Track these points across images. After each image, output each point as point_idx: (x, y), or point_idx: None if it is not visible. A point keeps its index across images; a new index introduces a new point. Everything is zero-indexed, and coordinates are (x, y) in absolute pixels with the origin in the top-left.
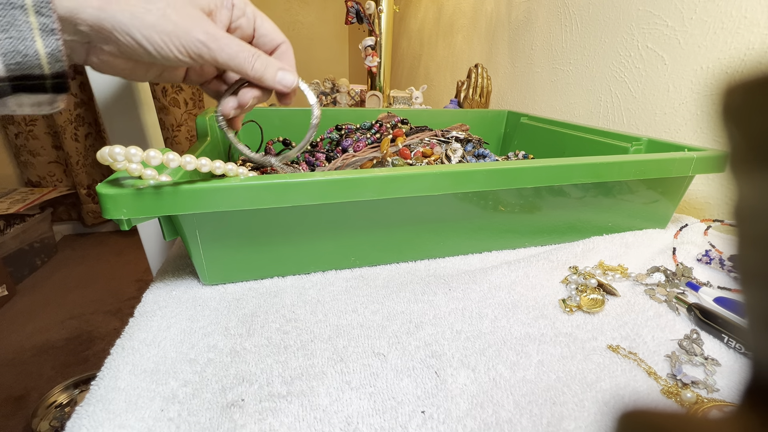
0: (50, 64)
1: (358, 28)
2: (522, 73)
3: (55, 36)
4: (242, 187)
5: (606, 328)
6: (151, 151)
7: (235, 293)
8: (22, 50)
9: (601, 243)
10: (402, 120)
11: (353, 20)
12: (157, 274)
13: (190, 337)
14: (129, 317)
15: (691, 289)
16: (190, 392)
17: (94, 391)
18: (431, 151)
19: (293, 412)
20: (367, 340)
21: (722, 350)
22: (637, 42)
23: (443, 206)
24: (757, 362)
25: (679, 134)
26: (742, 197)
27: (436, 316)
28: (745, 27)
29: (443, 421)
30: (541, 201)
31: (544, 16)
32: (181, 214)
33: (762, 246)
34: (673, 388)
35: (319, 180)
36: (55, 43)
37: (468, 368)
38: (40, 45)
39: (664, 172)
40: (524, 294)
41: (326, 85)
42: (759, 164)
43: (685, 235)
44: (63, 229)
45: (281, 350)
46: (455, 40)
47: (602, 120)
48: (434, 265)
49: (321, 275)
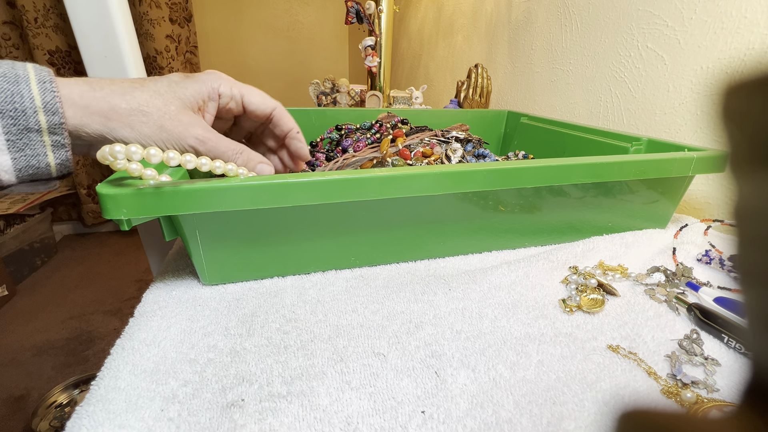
0: (59, 170)
1: (358, 28)
2: (522, 73)
3: (65, 149)
4: (242, 187)
5: (606, 328)
6: (151, 149)
7: (235, 293)
8: (35, 164)
9: (601, 243)
10: (402, 120)
11: (353, 20)
12: (157, 274)
13: (190, 337)
14: (129, 317)
15: (691, 289)
16: (190, 392)
17: (94, 391)
18: (431, 151)
19: (293, 412)
20: (367, 340)
21: (722, 350)
22: (637, 42)
23: (443, 206)
24: (757, 362)
25: (679, 134)
26: (742, 197)
27: (436, 316)
28: (745, 27)
29: (443, 421)
30: (541, 201)
31: (544, 16)
32: (181, 215)
33: (762, 246)
34: (673, 388)
35: (319, 180)
36: (65, 155)
37: (468, 368)
38: (51, 158)
39: (664, 172)
40: (524, 294)
41: (326, 85)
42: (759, 164)
43: (685, 235)
44: (63, 229)
45: (281, 350)
46: (455, 40)
47: (602, 120)
48: (434, 265)
49: (321, 275)
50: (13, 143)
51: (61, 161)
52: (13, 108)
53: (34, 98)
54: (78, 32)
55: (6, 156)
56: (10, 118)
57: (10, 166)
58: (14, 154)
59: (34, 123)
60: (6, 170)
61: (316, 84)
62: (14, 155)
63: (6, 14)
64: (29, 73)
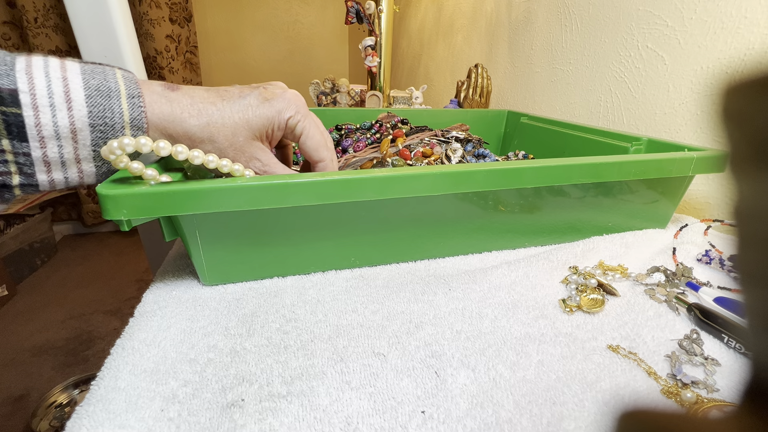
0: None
1: (358, 28)
2: (522, 73)
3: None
4: (242, 187)
5: (606, 328)
6: (160, 141)
7: (235, 293)
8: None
9: (601, 243)
10: (402, 120)
11: (353, 20)
12: (157, 274)
13: (190, 337)
14: (129, 317)
15: (691, 289)
16: (190, 392)
17: (94, 391)
18: (431, 151)
19: (293, 412)
20: (367, 340)
21: (722, 350)
22: (637, 42)
23: (443, 206)
24: (757, 362)
25: (679, 134)
26: (742, 197)
27: (436, 316)
28: (745, 27)
29: (443, 421)
30: (541, 201)
31: (544, 16)
32: (181, 215)
33: (762, 246)
34: (673, 388)
35: (319, 180)
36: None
37: (468, 368)
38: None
39: (664, 172)
40: (524, 294)
41: (326, 85)
42: (759, 164)
43: (685, 235)
44: (63, 229)
45: (281, 350)
46: (455, 40)
47: (602, 120)
48: (434, 265)
49: (321, 275)
50: (98, 154)
51: None
52: (104, 123)
53: (123, 114)
54: (78, 32)
55: (91, 165)
56: (100, 132)
57: (93, 173)
58: (98, 163)
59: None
60: (89, 175)
61: (316, 84)
62: (98, 164)
63: (6, 14)
64: (120, 86)
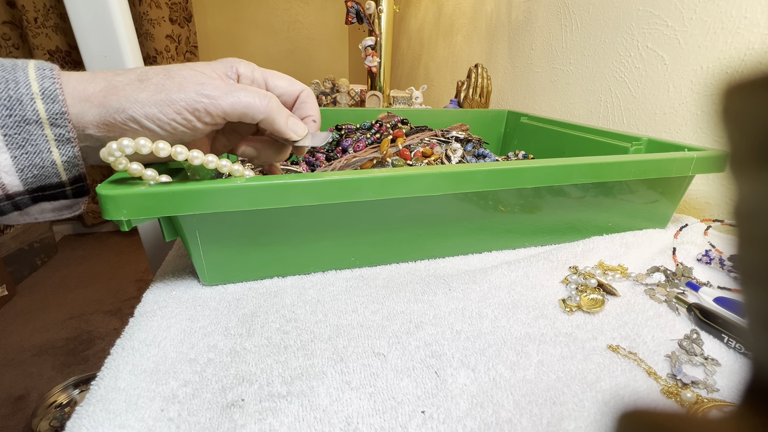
0: (67, 171)
1: (358, 28)
2: (522, 73)
3: (71, 144)
4: (242, 187)
5: (606, 328)
6: (160, 142)
7: (235, 293)
8: (39, 163)
9: (601, 243)
10: (402, 120)
11: (353, 20)
12: (157, 274)
13: (190, 337)
14: (129, 317)
15: (691, 289)
16: (190, 392)
17: (94, 391)
18: (431, 151)
19: (293, 412)
20: (367, 340)
21: (722, 350)
22: (637, 42)
23: (443, 206)
24: (757, 362)
25: (679, 134)
26: (742, 197)
27: (436, 316)
28: (745, 27)
29: (443, 421)
30: (541, 201)
31: (544, 16)
32: (181, 215)
33: (762, 246)
34: (673, 388)
35: (319, 180)
36: (72, 151)
37: (468, 368)
38: (56, 155)
39: (664, 172)
40: (524, 294)
41: (326, 85)
42: (759, 164)
43: (685, 235)
44: (63, 229)
45: (281, 350)
46: (455, 40)
47: (602, 120)
48: (434, 265)
49: (321, 275)
50: (11, 138)
51: (68, 158)
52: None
53: (31, 84)
54: (78, 32)
55: (5, 154)
56: (4, 108)
57: (10, 165)
58: (14, 152)
59: (32, 113)
60: (7, 170)
61: (316, 84)
62: (14, 152)
63: (6, 14)
64: (28, 62)
